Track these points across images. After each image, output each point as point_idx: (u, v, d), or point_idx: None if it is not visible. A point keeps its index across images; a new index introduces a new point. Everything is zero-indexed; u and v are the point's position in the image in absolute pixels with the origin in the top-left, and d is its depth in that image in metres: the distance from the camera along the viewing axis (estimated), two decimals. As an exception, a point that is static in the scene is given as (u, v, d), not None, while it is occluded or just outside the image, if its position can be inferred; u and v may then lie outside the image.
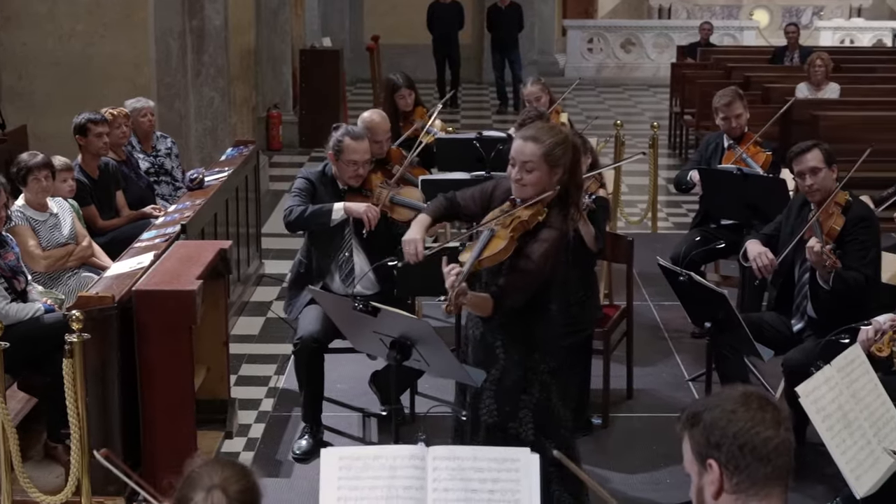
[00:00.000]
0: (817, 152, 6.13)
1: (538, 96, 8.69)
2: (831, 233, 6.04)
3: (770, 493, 2.72)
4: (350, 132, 6.44)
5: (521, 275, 4.66)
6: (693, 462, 2.80)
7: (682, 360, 7.72)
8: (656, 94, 20.47)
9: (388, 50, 19.83)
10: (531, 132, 4.82)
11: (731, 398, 2.78)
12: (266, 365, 7.88)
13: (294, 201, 6.50)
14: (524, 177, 4.72)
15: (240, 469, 2.89)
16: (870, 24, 22.74)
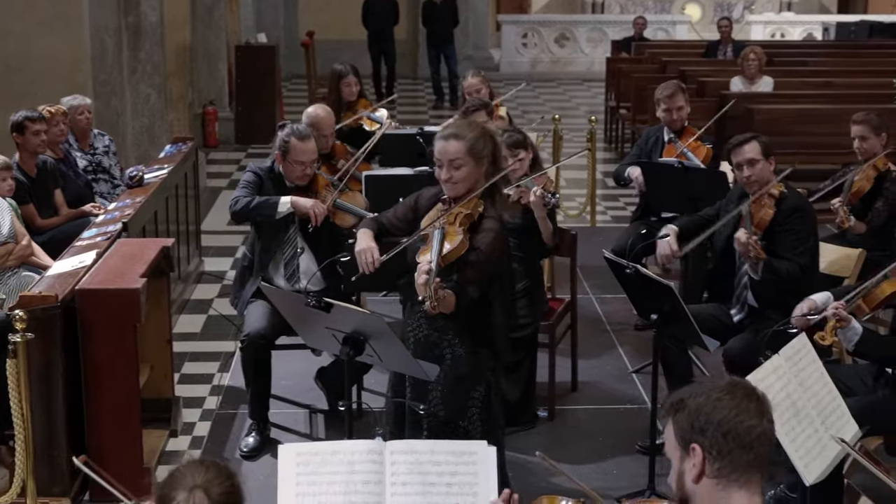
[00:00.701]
0: (755, 144, 6.20)
1: (478, 88, 8.72)
2: (760, 223, 6.10)
3: (749, 479, 2.79)
4: (296, 132, 6.42)
5: (475, 267, 4.72)
6: (675, 447, 2.87)
7: (626, 352, 7.78)
8: (591, 89, 20.57)
9: (323, 46, 19.75)
10: (450, 130, 4.91)
11: (717, 387, 2.86)
12: (209, 363, 7.83)
13: (241, 192, 6.48)
14: (453, 174, 4.80)
15: (223, 470, 2.90)
16: (800, 18, 23.00)
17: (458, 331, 4.81)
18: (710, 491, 2.80)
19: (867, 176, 7.27)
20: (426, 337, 4.85)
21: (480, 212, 4.82)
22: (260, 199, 6.38)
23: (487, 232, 4.78)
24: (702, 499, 2.82)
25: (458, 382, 4.79)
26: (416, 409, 4.52)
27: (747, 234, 5.92)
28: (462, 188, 4.81)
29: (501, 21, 22.73)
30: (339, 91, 9.15)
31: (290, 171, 6.42)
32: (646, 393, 7.07)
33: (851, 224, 7.24)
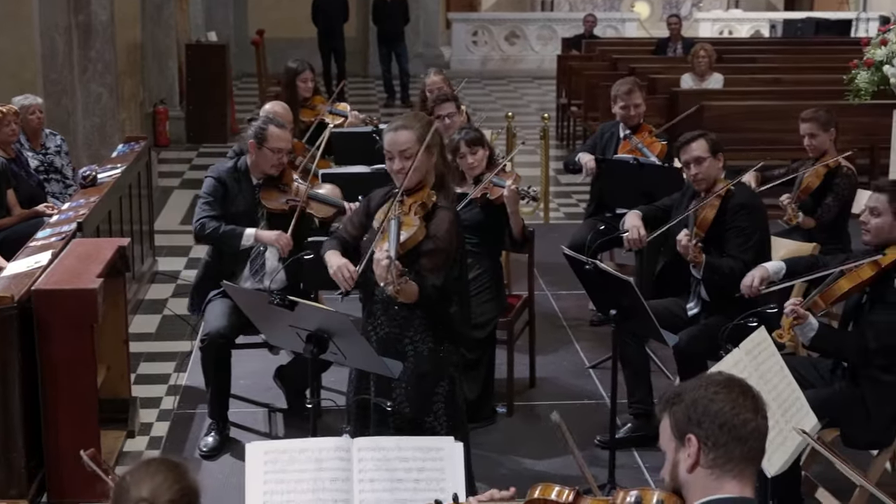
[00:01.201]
0: (703, 142, 6.22)
1: (440, 87, 8.73)
2: (702, 224, 6.13)
3: (743, 471, 2.85)
4: (274, 120, 6.47)
5: (433, 255, 4.80)
6: (671, 439, 2.93)
7: (582, 347, 7.82)
8: (541, 86, 20.64)
9: (273, 44, 19.68)
10: (399, 122, 4.98)
11: (714, 381, 2.93)
12: (165, 363, 7.81)
13: (204, 211, 6.44)
14: (405, 164, 4.85)
15: (172, 473, 2.80)
16: (747, 16, 23.19)
17: (420, 327, 4.83)
18: (704, 480, 2.86)
19: (817, 173, 7.33)
20: (388, 334, 4.87)
21: (434, 201, 4.89)
22: (226, 229, 6.36)
23: (442, 220, 4.86)
24: (695, 488, 2.88)
25: (421, 379, 4.82)
26: (383, 405, 4.53)
27: (687, 237, 5.96)
28: (415, 178, 4.87)
29: (452, 19, 22.75)
30: (295, 88, 9.10)
31: (264, 160, 6.39)
32: (603, 388, 7.12)
33: (800, 220, 7.31)
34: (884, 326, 5.21)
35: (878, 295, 5.33)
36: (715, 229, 6.10)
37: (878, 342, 5.20)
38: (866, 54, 8.58)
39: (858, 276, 5.31)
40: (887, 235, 5.35)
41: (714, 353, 5.90)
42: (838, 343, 5.38)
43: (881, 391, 5.26)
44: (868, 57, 8.51)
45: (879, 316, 5.27)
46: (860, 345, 5.25)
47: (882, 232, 5.35)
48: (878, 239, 5.37)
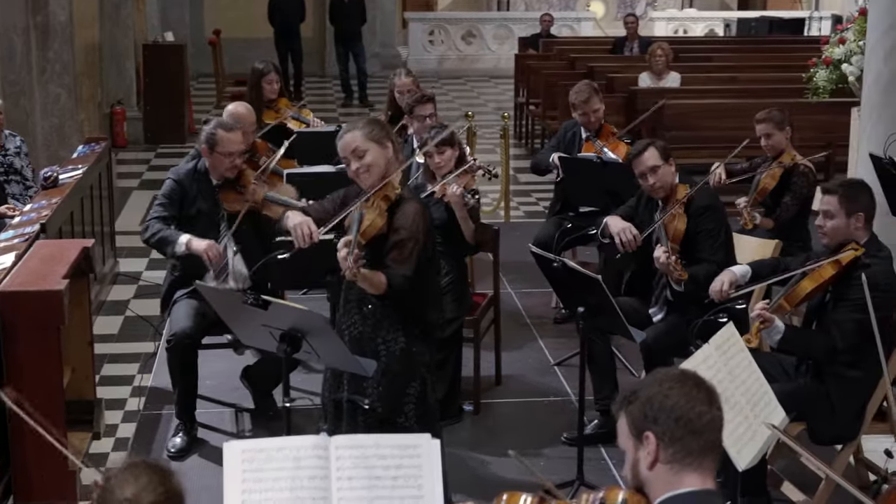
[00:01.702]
0: (653, 151, 6.25)
1: (410, 88, 8.71)
2: (677, 236, 6.17)
3: (702, 464, 2.88)
4: (222, 124, 6.45)
5: (400, 246, 4.85)
6: (629, 437, 2.95)
7: (546, 345, 7.86)
8: (498, 86, 20.70)
9: (230, 44, 19.63)
10: (344, 129, 5.09)
11: (667, 377, 2.95)
12: (128, 364, 7.78)
13: (155, 212, 6.46)
14: (361, 163, 4.93)
15: (156, 474, 2.81)
16: (702, 15, 23.34)
17: (392, 327, 4.85)
18: (665, 476, 2.89)
19: (773, 174, 7.39)
20: (360, 333, 4.88)
21: (398, 193, 4.95)
22: (164, 233, 6.36)
23: (407, 211, 4.91)
24: (657, 484, 2.90)
25: (393, 379, 4.83)
26: (360, 403, 4.54)
27: (667, 254, 5.97)
28: (375, 174, 4.93)
29: (408, 19, 22.77)
30: (260, 89, 9.07)
31: (218, 163, 6.40)
32: (568, 385, 7.17)
33: (757, 222, 7.37)
34: (850, 326, 5.27)
35: (840, 293, 5.39)
36: (685, 237, 6.16)
37: (844, 342, 5.27)
38: (825, 53, 8.69)
39: (821, 276, 5.37)
40: (843, 235, 5.41)
41: (680, 350, 6.01)
42: (805, 344, 5.44)
43: (846, 386, 5.34)
44: (826, 56, 8.61)
45: (843, 314, 5.33)
46: (827, 344, 5.32)
47: (838, 233, 5.42)
48: (835, 240, 5.44)
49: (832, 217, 5.41)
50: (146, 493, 2.75)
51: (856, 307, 5.25)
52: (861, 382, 5.35)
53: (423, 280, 4.89)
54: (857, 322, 5.23)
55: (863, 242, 5.42)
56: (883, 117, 7.04)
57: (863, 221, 5.42)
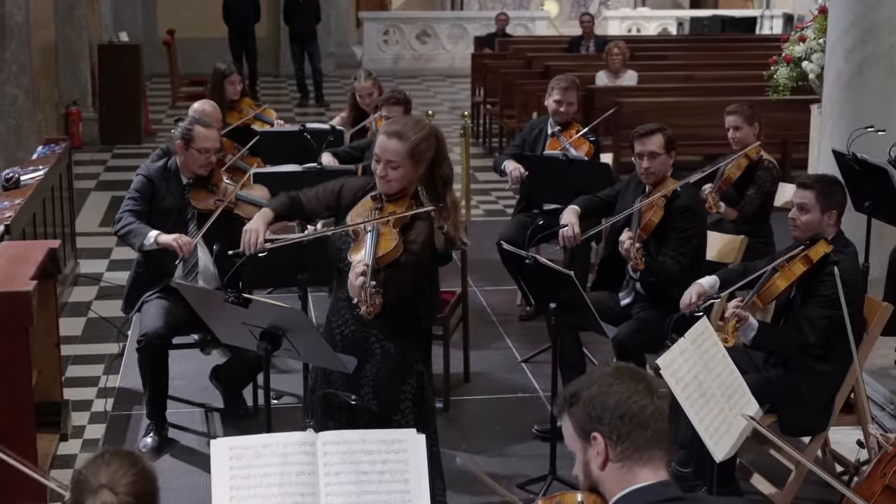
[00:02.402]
0: (660, 137, 6.28)
1: (370, 91, 8.74)
2: (647, 226, 6.22)
3: (652, 456, 2.87)
4: (200, 120, 6.45)
5: (406, 268, 4.69)
6: (576, 439, 2.92)
7: (513, 342, 7.91)
8: (454, 85, 20.75)
9: (184, 44, 19.58)
10: (396, 127, 4.80)
11: (604, 374, 2.93)
12: (93, 365, 7.76)
13: (125, 206, 6.43)
14: (389, 173, 4.73)
15: (126, 459, 2.85)
16: (655, 13, 23.50)
17: (386, 326, 4.77)
18: (617, 474, 2.87)
19: (738, 164, 7.46)
20: (353, 332, 4.79)
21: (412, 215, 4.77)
22: (134, 226, 6.33)
23: (420, 233, 4.75)
24: (610, 483, 2.89)
25: (389, 377, 4.77)
26: (347, 399, 4.53)
27: (630, 240, 6.04)
28: (395, 187, 4.76)
29: (363, 18, 22.76)
30: (223, 90, 9.04)
31: (192, 160, 6.38)
32: (536, 381, 7.21)
33: (722, 211, 7.45)
34: (822, 322, 5.35)
35: (808, 289, 5.46)
36: (657, 228, 6.21)
37: (816, 337, 5.35)
38: (785, 51, 8.79)
39: (792, 273, 5.44)
40: (815, 230, 5.49)
41: (651, 347, 6.09)
42: (778, 340, 5.50)
43: (815, 379, 5.42)
44: (787, 53, 8.71)
45: (815, 311, 5.40)
46: (799, 340, 5.39)
47: (811, 227, 5.49)
48: (807, 234, 5.51)
49: (807, 211, 5.48)
50: (119, 475, 2.80)
51: (827, 303, 5.33)
52: (831, 375, 5.43)
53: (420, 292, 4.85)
54: (829, 318, 5.31)
55: (830, 238, 5.50)
56: (844, 114, 7.13)
57: (835, 218, 5.50)
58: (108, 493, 2.76)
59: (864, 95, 7.07)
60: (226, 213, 6.42)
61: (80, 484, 2.82)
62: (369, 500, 3.48)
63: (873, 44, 7.00)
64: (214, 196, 6.46)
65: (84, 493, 2.78)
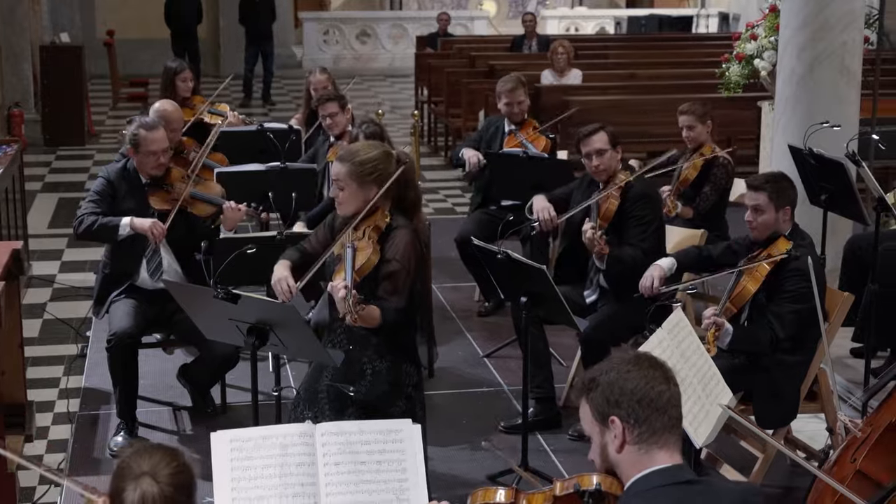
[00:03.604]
0: (603, 134, 6.43)
1: (325, 85, 8.84)
2: (606, 214, 6.36)
3: (668, 440, 2.99)
4: (144, 124, 6.45)
5: (392, 277, 4.79)
6: (594, 423, 3.05)
7: (474, 337, 7.99)
8: (394, 84, 20.82)
9: (123, 45, 19.46)
10: (343, 151, 5.02)
11: (623, 361, 3.06)
12: (52, 367, 7.75)
13: (88, 207, 6.44)
14: (339, 195, 4.92)
15: (168, 452, 2.92)
16: (592, 13, 23.70)
17: (378, 347, 4.84)
18: (634, 456, 2.99)
19: (694, 165, 7.60)
20: (347, 352, 4.85)
21: (388, 223, 4.88)
22: (102, 220, 6.36)
23: (398, 241, 4.84)
24: (627, 465, 3.01)
25: (378, 399, 4.82)
26: (345, 390, 4.59)
27: (593, 229, 6.16)
28: (348, 208, 4.90)
29: (302, 18, 22.74)
30: (174, 87, 9.05)
31: (144, 163, 6.41)
32: (500, 375, 7.30)
33: (678, 210, 7.60)
34: (791, 317, 5.50)
35: (774, 286, 5.59)
36: (616, 218, 6.34)
37: (785, 331, 5.50)
38: (736, 49, 8.95)
39: (759, 274, 5.57)
40: (772, 229, 5.64)
41: (615, 341, 6.22)
42: (753, 340, 5.60)
43: (787, 371, 5.56)
44: (739, 51, 8.88)
45: (782, 306, 5.54)
46: (771, 337, 5.52)
47: (768, 227, 5.64)
48: (766, 234, 5.66)
49: (762, 212, 5.62)
50: (162, 465, 2.86)
51: (793, 298, 5.48)
52: (802, 366, 5.59)
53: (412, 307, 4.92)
54: (797, 312, 5.46)
55: (787, 233, 5.64)
56: (797, 110, 7.29)
57: (789, 214, 5.66)
58: (150, 481, 2.82)
59: (816, 92, 7.24)
60: (182, 211, 6.45)
61: (122, 471, 2.88)
62: (368, 488, 3.56)
63: (825, 42, 7.17)
64: (170, 196, 6.48)
65: (126, 479, 2.85)
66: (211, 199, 6.57)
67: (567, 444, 6.34)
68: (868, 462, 4.43)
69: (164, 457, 2.89)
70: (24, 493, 6.21)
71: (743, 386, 5.33)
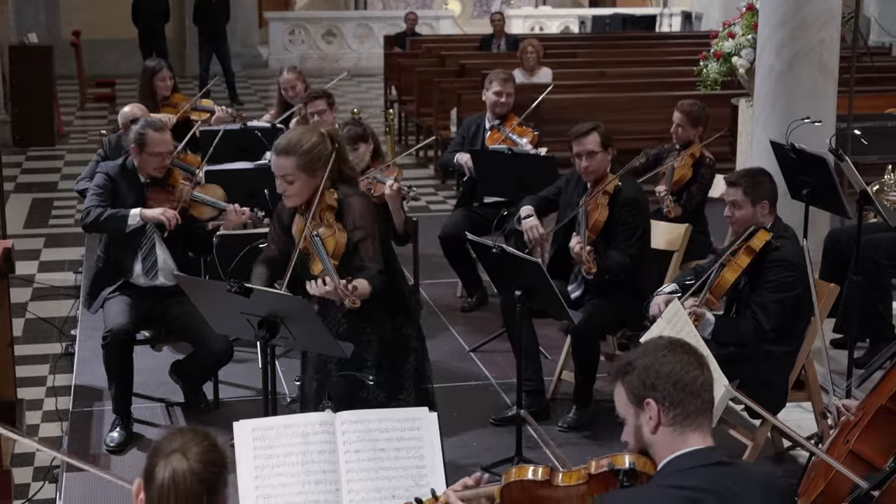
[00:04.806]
0: (595, 136, 6.48)
1: (293, 84, 8.88)
2: (596, 226, 6.41)
3: (701, 423, 3.12)
4: (152, 124, 6.49)
5: (363, 243, 4.93)
6: (629, 405, 3.17)
7: (459, 332, 8.08)
8: (360, 84, 20.87)
9: (88, 45, 19.40)
10: (282, 143, 5.03)
11: (658, 346, 3.18)
12: (38, 365, 7.78)
13: (92, 201, 6.48)
14: (288, 188, 4.98)
15: (200, 433, 2.99)
16: (557, 12, 23.85)
17: (376, 316, 4.95)
18: (668, 438, 3.12)
19: (686, 164, 7.72)
20: (347, 329, 4.96)
21: (336, 198, 4.99)
22: (111, 211, 6.40)
23: (354, 210, 4.96)
24: (661, 446, 3.13)
25: (390, 362, 4.93)
26: (365, 379, 4.68)
27: (580, 244, 6.20)
28: (299, 199, 4.99)
29: (268, 18, 22.76)
30: (153, 87, 9.07)
31: (147, 163, 6.45)
32: (487, 369, 7.40)
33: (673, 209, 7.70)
34: (774, 307, 5.63)
35: (756, 276, 5.73)
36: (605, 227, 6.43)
37: (769, 321, 5.63)
38: (714, 47, 9.10)
39: (738, 265, 5.70)
40: (751, 223, 5.77)
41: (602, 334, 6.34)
42: (735, 331, 5.72)
43: (775, 361, 5.69)
44: (716, 49, 9.02)
45: (765, 296, 5.67)
46: (755, 327, 5.65)
47: (746, 221, 5.78)
48: (745, 228, 5.79)
49: (739, 207, 5.76)
50: (192, 444, 2.93)
51: (776, 287, 5.61)
52: (789, 355, 5.72)
53: (388, 265, 5.03)
54: (780, 302, 5.60)
55: (769, 226, 5.77)
56: (777, 106, 7.43)
57: (768, 208, 5.79)
58: (180, 457, 2.89)
59: (795, 89, 7.38)
60: (182, 213, 6.50)
61: (154, 451, 2.96)
62: (387, 475, 3.65)
63: (803, 40, 7.32)
64: (171, 196, 6.53)
65: (157, 457, 2.92)
66: (213, 203, 6.62)
67: (557, 435, 6.43)
68: (860, 443, 4.56)
69: (195, 437, 2.96)
70: (19, 489, 6.25)
71: (733, 375, 5.44)
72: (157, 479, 2.89)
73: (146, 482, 2.95)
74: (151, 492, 2.91)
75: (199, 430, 3.02)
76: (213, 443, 2.98)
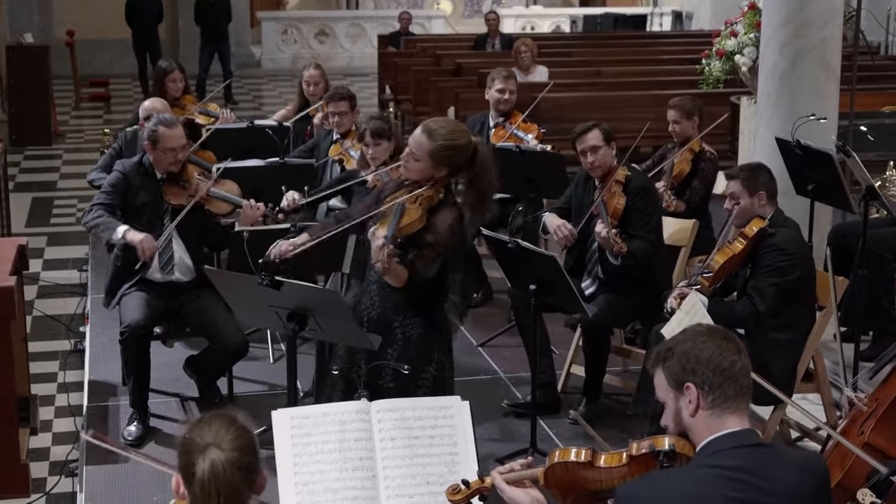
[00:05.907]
0: (597, 132, 6.64)
1: (317, 80, 8.92)
2: (616, 213, 6.53)
3: (739, 406, 3.22)
4: (163, 120, 6.56)
5: (429, 247, 4.93)
6: (668, 389, 3.27)
7: (466, 328, 8.09)
8: (354, 83, 20.88)
9: (82, 45, 19.43)
10: (432, 125, 5.04)
11: (698, 332, 3.29)
12: (48, 362, 7.86)
13: (100, 198, 6.56)
14: (409, 163, 5.01)
15: (225, 418, 3.06)
16: (548, 12, 23.95)
17: (410, 312, 5.00)
18: (707, 421, 3.22)
19: (685, 159, 7.81)
20: (380, 315, 5.01)
21: (441, 198, 5.02)
22: (104, 219, 6.45)
23: (445, 217, 4.98)
24: (700, 429, 3.23)
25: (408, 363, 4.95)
26: (400, 369, 4.75)
27: (607, 229, 6.31)
28: (412, 175, 5.03)
29: (260, 18, 22.80)
30: (164, 87, 9.15)
31: (161, 159, 6.52)
32: (495, 363, 7.48)
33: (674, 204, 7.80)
34: (770, 290, 5.76)
35: (755, 264, 5.87)
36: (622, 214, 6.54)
37: (765, 305, 5.75)
38: (716, 45, 9.20)
39: (730, 250, 5.84)
40: (750, 214, 5.91)
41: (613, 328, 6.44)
42: (729, 313, 5.82)
43: (777, 349, 5.79)
44: (719, 48, 9.13)
45: (760, 281, 5.81)
46: (750, 310, 5.77)
47: (745, 213, 5.92)
48: (744, 219, 5.93)
49: (737, 199, 5.92)
50: (223, 433, 3.00)
51: (771, 272, 5.77)
52: (791, 343, 5.83)
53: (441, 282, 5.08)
54: (776, 285, 5.74)
55: (768, 217, 5.90)
56: (780, 104, 7.53)
57: (765, 199, 5.92)
58: (216, 450, 2.96)
59: (798, 87, 7.48)
60: (198, 208, 6.58)
61: (187, 447, 3.01)
62: (422, 461, 3.75)
63: (806, 39, 7.42)
64: (186, 192, 6.61)
65: (193, 453, 2.98)
66: (229, 199, 6.70)
67: (568, 427, 6.52)
68: (875, 434, 4.67)
69: (223, 424, 3.03)
70: (36, 483, 6.32)
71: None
72: (198, 474, 2.95)
73: (185, 478, 3.01)
74: (193, 486, 2.97)
75: (223, 415, 3.08)
76: (241, 426, 3.05)
